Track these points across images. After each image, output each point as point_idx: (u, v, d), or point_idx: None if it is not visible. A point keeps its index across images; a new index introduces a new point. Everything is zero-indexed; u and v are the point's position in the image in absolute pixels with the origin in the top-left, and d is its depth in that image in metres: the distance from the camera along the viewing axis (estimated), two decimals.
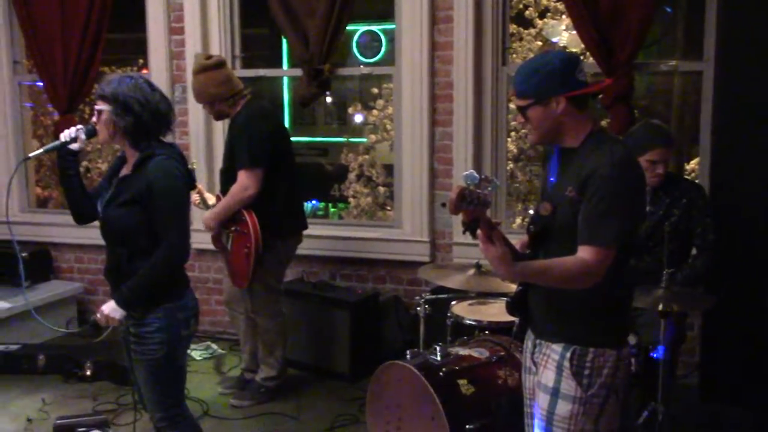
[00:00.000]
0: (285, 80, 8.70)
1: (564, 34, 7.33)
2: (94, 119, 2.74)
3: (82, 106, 5.95)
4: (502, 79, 4.63)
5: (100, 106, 2.70)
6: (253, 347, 4.30)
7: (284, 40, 8.62)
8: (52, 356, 4.67)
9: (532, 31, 7.38)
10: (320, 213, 8.87)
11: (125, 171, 2.79)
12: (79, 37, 5.25)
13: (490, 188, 2.00)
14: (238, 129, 3.96)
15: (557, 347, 2.24)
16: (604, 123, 4.65)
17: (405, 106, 4.75)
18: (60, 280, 5.63)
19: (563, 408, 2.22)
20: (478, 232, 2.06)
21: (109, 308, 2.71)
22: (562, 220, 2.19)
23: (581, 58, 2.51)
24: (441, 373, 3.05)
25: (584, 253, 2.09)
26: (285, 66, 8.17)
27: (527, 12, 7.43)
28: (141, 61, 7.21)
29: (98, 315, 2.74)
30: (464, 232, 2.07)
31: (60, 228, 5.57)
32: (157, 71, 5.17)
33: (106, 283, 5.39)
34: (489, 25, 4.55)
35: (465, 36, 4.52)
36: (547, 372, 2.26)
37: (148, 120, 2.70)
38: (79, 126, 2.80)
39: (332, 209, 9.29)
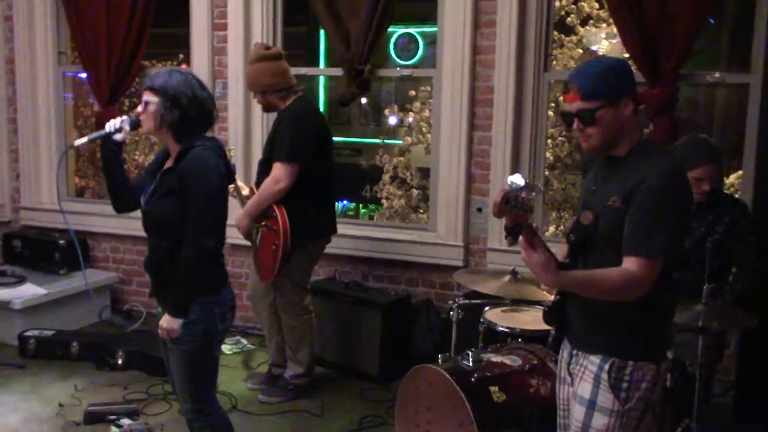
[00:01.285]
0: (321, 79, 8.73)
1: (604, 43, 7.27)
2: (139, 109, 2.76)
3: (123, 98, 6.03)
4: (543, 85, 4.60)
5: (148, 97, 2.71)
6: (279, 342, 4.31)
7: (321, 40, 8.69)
8: (85, 344, 4.73)
9: (573, 38, 7.33)
10: (351, 213, 8.88)
11: (168, 164, 2.82)
12: (124, 30, 5.32)
13: (534, 193, 1.98)
14: (285, 122, 3.97)
15: (595, 359, 2.20)
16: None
17: (444, 109, 4.73)
18: (95, 269, 5.70)
19: (599, 421, 2.18)
20: (520, 238, 2.04)
21: (166, 322, 2.73)
22: (604, 230, 2.16)
23: None
24: (473, 379, 3.02)
25: (630, 264, 2.06)
26: (322, 65, 8.20)
27: (569, 19, 7.36)
28: (181, 55, 7.28)
29: (159, 331, 2.75)
30: (506, 237, 2.06)
31: (97, 218, 5.64)
32: (199, 66, 5.21)
33: (140, 273, 5.56)
34: (532, 30, 4.51)
35: (508, 41, 4.49)
36: (583, 383, 2.23)
37: (194, 116, 2.72)
38: (124, 117, 2.82)
39: (363, 210, 9.30)
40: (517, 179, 1.97)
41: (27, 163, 5.86)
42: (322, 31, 9.02)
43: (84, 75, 5.87)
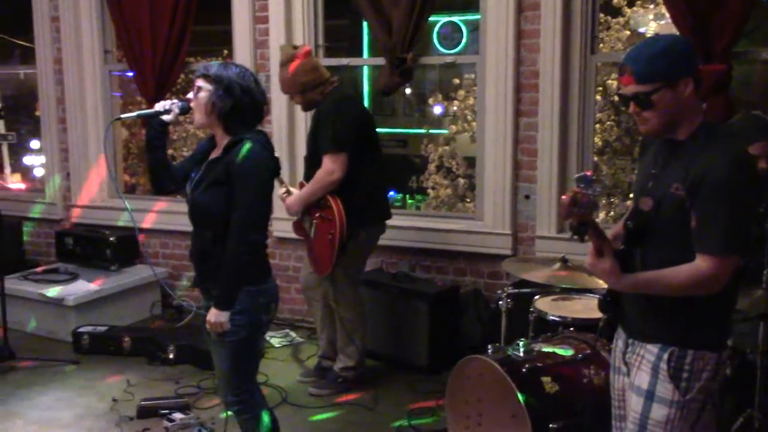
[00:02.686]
0: (365, 70, 8.71)
1: (652, 24, 7.08)
2: (190, 95, 2.76)
3: (168, 95, 6.07)
4: (590, 68, 4.48)
5: (201, 83, 2.71)
6: (331, 335, 4.30)
7: (365, 31, 8.66)
8: (137, 339, 4.79)
9: (621, 20, 7.17)
10: (398, 204, 8.86)
11: (214, 154, 2.81)
12: (167, 28, 5.36)
13: (599, 189, 1.93)
14: (324, 114, 3.95)
15: (653, 348, 2.13)
16: None
17: (489, 95, 4.65)
18: (146, 265, 5.76)
19: (659, 412, 2.11)
20: (590, 244, 2.01)
21: (214, 315, 2.72)
22: (665, 218, 2.07)
23: None
24: (524, 370, 2.96)
25: (703, 262, 1.98)
26: (365, 56, 8.18)
27: (615, 0, 7.20)
28: (225, 51, 7.33)
29: (207, 326, 2.75)
30: (572, 237, 2.02)
31: (146, 214, 5.70)
32: (241, 60, 5.20)
33: (190, 268, 5.59)
34: (578, 12, 4.40)
35: (553, 24, 4.39)
36: (641, 374, 2.16)
37: (245, 107, 2.72)
38: (175, 100, 2.82)
39: (409, 201, 9.27)
40: (584, 177, 1.92)
41: (76, 162, 5.96)
42: (365, 23, 9.01)
43: (131, 73, 5.93)
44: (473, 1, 4.85)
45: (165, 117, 2.80)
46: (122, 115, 2.90)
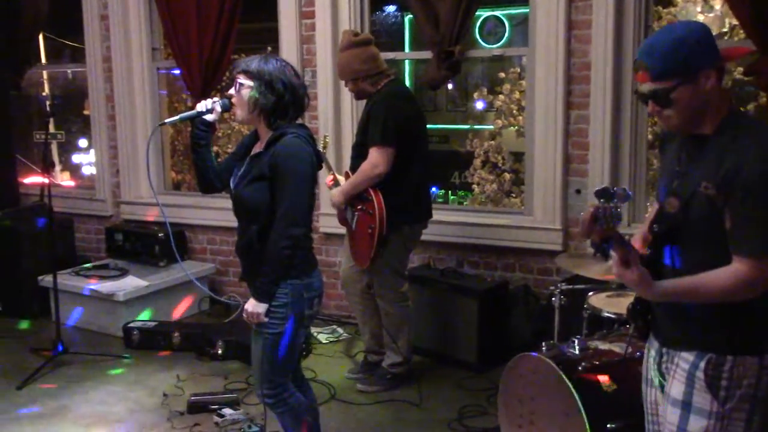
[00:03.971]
0: (407, 65, 8.66)
1: (699, 17, 6.89)
2: (231, 92, 2.75)
3: (215, 92, 6.10)
4: None
5: (242, 80, 2.71)
6: (374, 329, 4.27)
7: (406, 25, 8.62)
8: (186, 334, 4.82)
9: (672, 10, 7.00)
10: (440, 200, 8.80)
11: (257, 149, 2.81)
12: (214, 25, 5.38)
13: (623, 201, 1.82)
14: (377, 106, 3.92)
15: (689, 356, 1.99)
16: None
17: (538, 88, 4.57)
18: (193, 261, 5.80)
19: (696, 424, 1.97)
20: (612, 253, 1.87)
21: (252, 306, 2.73)
22: (693, 218, 1.93)
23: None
24: (580, 368, 2.89)
25: (742, 265, 1.85)
26: (407, 49, 8.12)
27: None
28: (270, 48, 7.35)
29: (244, 315, 2.76)
30: (595, 255, 1.92)
31: (194, 210, 5.75)
32: (287, 56, 5.20)
33: (237, 264, 5.56)
34: (631, 1, 4.29)
35: (605, 14, 4.29)
36: (676, 384, 2.02)
37: (288, 101, 2.72)
38: (216, 98, 2.82)
39: (452, 197, 9.21)
40: (607, 191, 1.82)
41: (125, 159, 6.02)
42: (406, 18, 8.97)
43: (177, 71, 5.98)
44: None
45: (208, 116, 2.80)
46: (166, 120, 2.91)
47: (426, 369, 4.43)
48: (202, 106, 2.80)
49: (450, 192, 9.30)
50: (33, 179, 6.49)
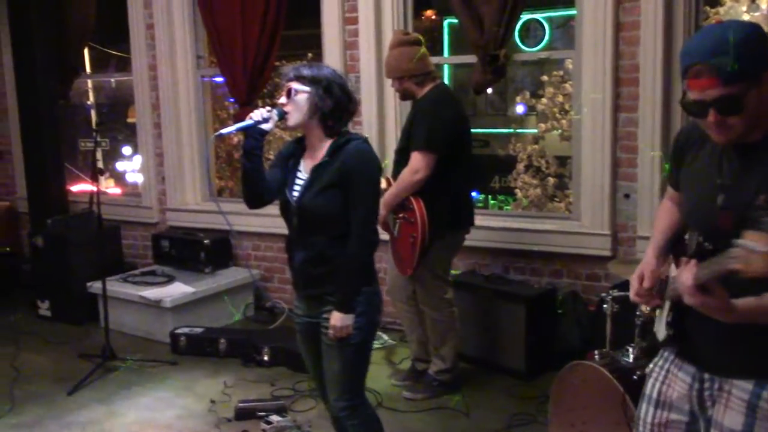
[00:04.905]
0: (446, 69, 8.61)
1: (745, 17, 6.73)
2: (283, 100, 2.70)
3: (258, 99, 6.14)
4: None
5: (297, 86, 2.66)
6: (421, 336, 4.23)
7: (445, 30, 8.57)
8: (232, 341, 4.83)
9: (720, 10, 6.86)
10: (480, 205, 8.72)
11: (317, 157, 2.71)
12: (258, 33, 5.42)
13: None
14: (421, 110, 3.90)
15: (746, 384, 1.85)
16: None
17: (585, 91, 4.50)
18: (239, 267, 5.83)
19: None
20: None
21: (338, 320, 2.65)
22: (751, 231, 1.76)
23: None
24: (635, 377, 2.83)
25: None
26: (446, 54, 8.07)
27: None
28: (310, 55, 7.36)
29: (330, 332, 2.68)
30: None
31: (239, 216, 5.73)
32: (330, 61, 5.20)
33: (281, 270, 5.64)
34: (680, 1, 4.21)
35: (654, 14, 4.21)
36: (731, 413, 1.87)
37: (344, 106, 2.70)
38: (270, 107, 2.78)
39: (492, 201, 9.12)
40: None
41: (171, 166, 6.09)
42: (445, 22, 8.93)
43: (219, 79, 6.03)
44: None
45: (265, 126, 2.72)
46: (222, 131, 2.81)
47: (473, 376, 4.39)
48: (257, 115, 2.72)
49: (490, 197, 9.21)
50: (80, 187, 6.59)
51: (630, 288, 2.10)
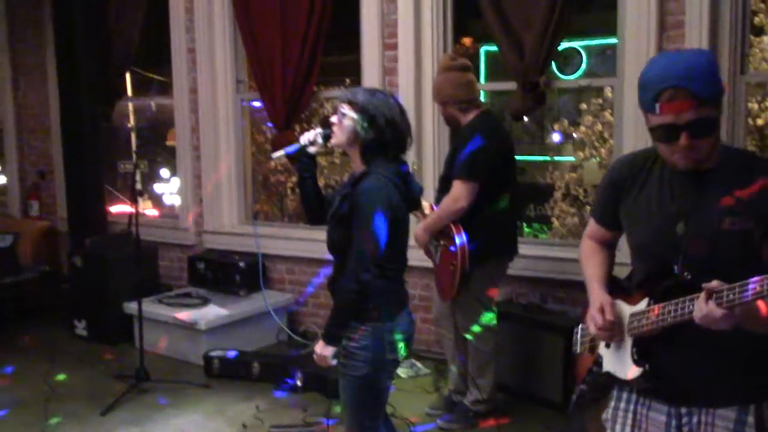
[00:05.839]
0: (482, 96, 8.61)
1: None
2: (333, 119, 2.73)
3: (297, 123, 6.17)
4: (740, 88, 4.20)
5: (346, 110, 2.68)
6: (462, 368, 4.17)
7: (482, 56, 8.58)
8: (265, 364, 4.81)
9: (765, 39, 6.78)
10: None
11: (347, 186, 2.77)
12: (297, 58, 5.45)
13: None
14: (465, 138, 3.87)
15: (728, 413, 1.84)
16: None
17: (627, 119, 4.43)
18: (272, 290, 5.82)
19: None
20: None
21: (319, 347, 2.71)
22: (724, 257, 1.79)
23: None
24: None
25: None
26: (483, 80, 8.06)
27: (757, 19, 6.84)
28: (348, 80, 7.41)
29: (314, 356, 2.74)
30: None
31: (272, 240, 5.78)
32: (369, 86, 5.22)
33: (315, 295, 5.63)
34: (726, 29, 4.14)
35: (699, 42, 4.14)
36: None
37: (388, 139, 2.67)
38: (318, 129, 2.80)
39: (527, 229, 9.04)
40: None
41: (209, 189, 6.12)
42: (482, 49, 8.93)
43: (258, 103, 6.07)
44: (602, 25, 4.67)
45: (311, 149, 2.79)
46: (273, 155, 2.91)
47: (509, 407, 4.30)
48: (305, 138, 2.79)
49: (525, 225, 9.14)
50: (119, 208, 6.66)
51: (590, 323, 2.05)
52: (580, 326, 2.29)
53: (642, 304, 1.94)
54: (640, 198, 1.99)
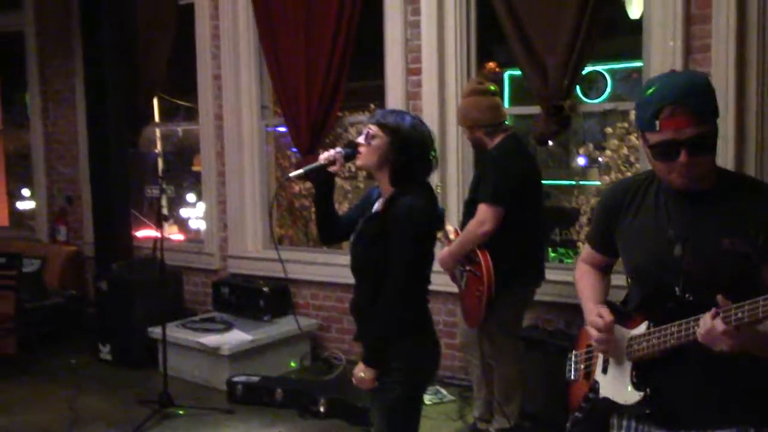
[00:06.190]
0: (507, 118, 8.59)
1: None
2: (360, 140, 2.69)
3: (321, 148, 6.19)
4: None
5: (375, 131, 2.65)
6: (488, 395, 4.12)
7: (506, 80, 8.57)
8: (289, 390, 4.79)
9: None
10: None
11: (377, 207, 2.75)
12: (321, 84, 5.49)
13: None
14: (491, 162, 3.86)
15: None
16: None
17: None
18: (297, 316, 5.80)
19: None
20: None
21: (360, 370, 2.64)
22: (723, 277, 1.79)
23: None
24: None
25: None
26: (507, 105, 8.06)
27: None
28: (372, 105, 7.42)
29: (354, 380, 2.68)
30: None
31: (297, 265, 5.77)
32: None
33: (339, 320, 5.60)
34: (753, 52, 4.10)
35: (725, 66, 4.10)
36: None
37: (418, 163, 2.66)
38: (338, 149, 2.75)
39: (552, 254, 8.95)
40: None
41: (233, 214, 6.15)
42: (506, 73, 8.93)
43: (282, 129, 6.11)
44: (625, 49, 4.65)
45: (331, 168, 2.73)
46: (292, 174, 2.83)
47: None
48: (325, 157, 2.73)
49: (551, 249, 9.05)
50: (145, 233, 6.71)
51: (591, 330, 2.04)
52: (573, 353, 2.30)
53: (642, 328, 1.94)
54: (635, 222, 2.01)
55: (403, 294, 2.60)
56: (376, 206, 2.76)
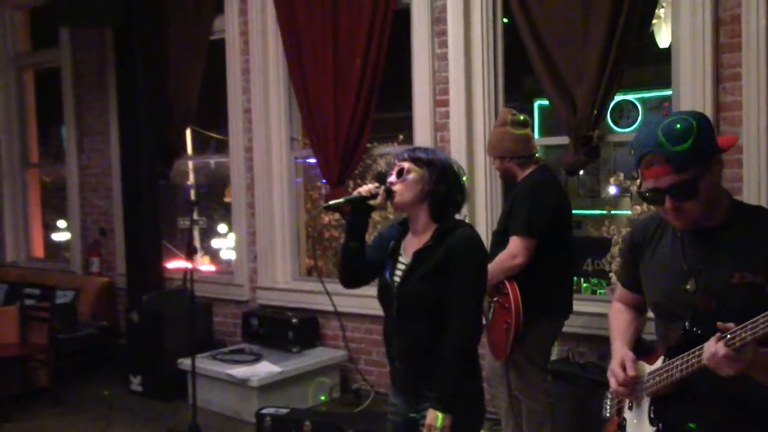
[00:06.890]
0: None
1: None
2: (392, 178, 2.63)
3: (349, 180, 6.22)
4: None
5: (409, 166, 2.60)
6: (516, 429, 4.05)
7: (535, 110, 8.57)
8: (317, 423, 4.75)
9: None
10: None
11: (421, 242, 2.62)
12: (350, 115, 5.53)
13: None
14: (522, 193, 3.83)
15: None
16: None
17: None
18: (325, 347, 5.79)
19: None
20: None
21: (434, 419, 2.46)
22: (735, 310, 1.76)
23: None
24: None
25: None
26: (536, 135, 8.05)
27: None
28: (401, 137, 7.45)
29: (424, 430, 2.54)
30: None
31: (326, 296, 5.75)
32: (421, 143, 5.24)
33: (368, 352, 5.57)
34: None
35: (756, 94, 4.05)
36: None
37: (457, 191, 2.63)
38: (378, 184, 2.69)
39: (584, 284, 8.85)
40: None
41: (263, 245, 6.18)
42: (535, 103, 8.93)
43: (312, 160, 6.15)
44: (655, 78, 4.62)
45: (371, 202, 2.64)
46: (330, 202, 2.76)
47: None
48: (365, 190, 2.64)
49: (583, 279, 8.96)
50: (176, 264, 6.78)
51: (612, 379, 2.07)
52: (609, 390, 2.28)
53: (658, 362, 1.98)
54: (654, 258, 2.04)
55: (474, 329, 2.54)
56: (414, 241, 2.65)
